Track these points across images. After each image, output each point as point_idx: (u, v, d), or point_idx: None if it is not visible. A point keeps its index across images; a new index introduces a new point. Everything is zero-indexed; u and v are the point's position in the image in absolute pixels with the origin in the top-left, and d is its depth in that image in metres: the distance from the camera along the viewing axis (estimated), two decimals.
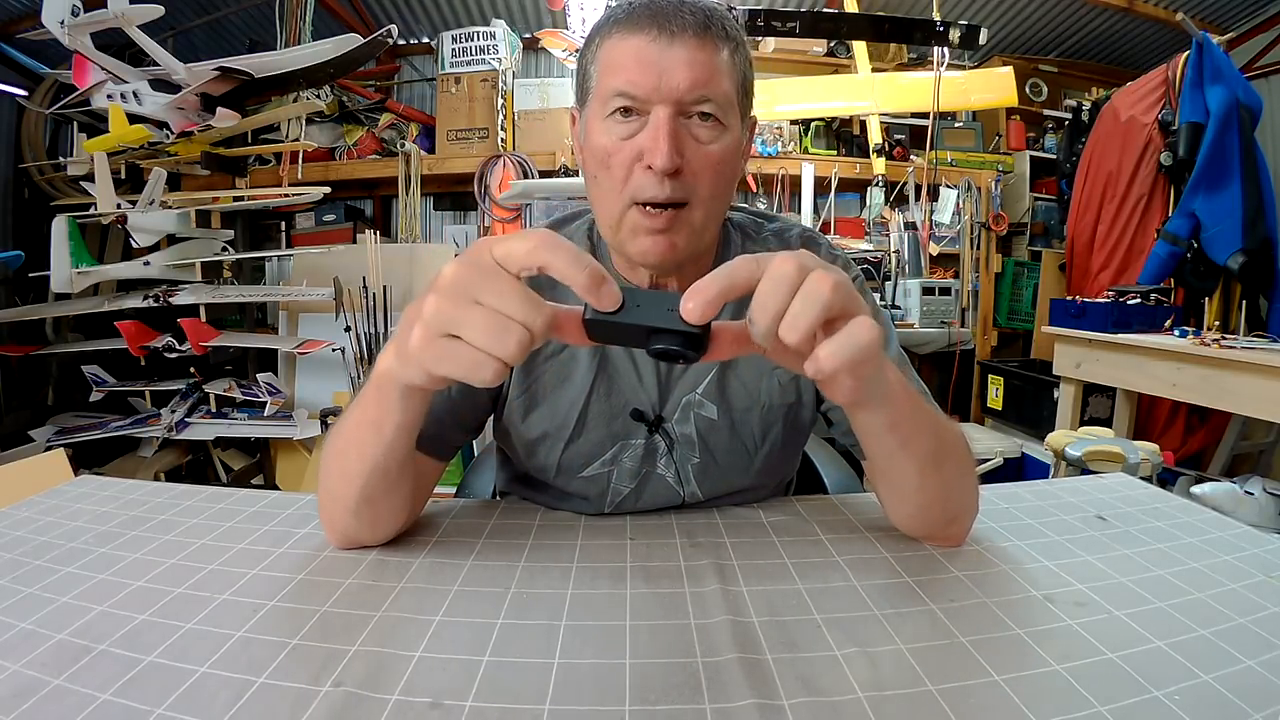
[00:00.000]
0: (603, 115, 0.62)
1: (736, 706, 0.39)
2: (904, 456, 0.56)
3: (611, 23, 0.63)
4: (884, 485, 0.63)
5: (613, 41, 0.62)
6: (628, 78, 0.60)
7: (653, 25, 0.60)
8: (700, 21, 0.60)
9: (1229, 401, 1.99)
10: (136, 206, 2.67)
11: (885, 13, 3.36)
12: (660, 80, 0.59)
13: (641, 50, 0.60)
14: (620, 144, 0.61)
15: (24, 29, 2.79)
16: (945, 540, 0.62)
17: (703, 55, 0.60)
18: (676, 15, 0.60)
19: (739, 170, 0.67)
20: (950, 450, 0.58)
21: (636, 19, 0.61)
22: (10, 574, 0.55)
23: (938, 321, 3.25)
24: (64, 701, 0.39)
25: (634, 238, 0.63)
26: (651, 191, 0.60)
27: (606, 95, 0.62)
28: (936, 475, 0.57)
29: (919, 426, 0.55)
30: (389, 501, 0.59)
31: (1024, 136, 3.77)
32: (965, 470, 0.61)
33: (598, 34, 0.65)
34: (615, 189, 0.62)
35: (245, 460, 3.04)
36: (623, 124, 0.61)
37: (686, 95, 0.60)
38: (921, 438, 0.55)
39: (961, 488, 0.61)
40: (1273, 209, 2.54)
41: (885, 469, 0.59)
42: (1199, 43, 2.55)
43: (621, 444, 0.71)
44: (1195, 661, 0.44)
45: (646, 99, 0.60)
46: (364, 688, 0.41)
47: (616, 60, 0.61)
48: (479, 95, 3.38)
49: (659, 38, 0.59)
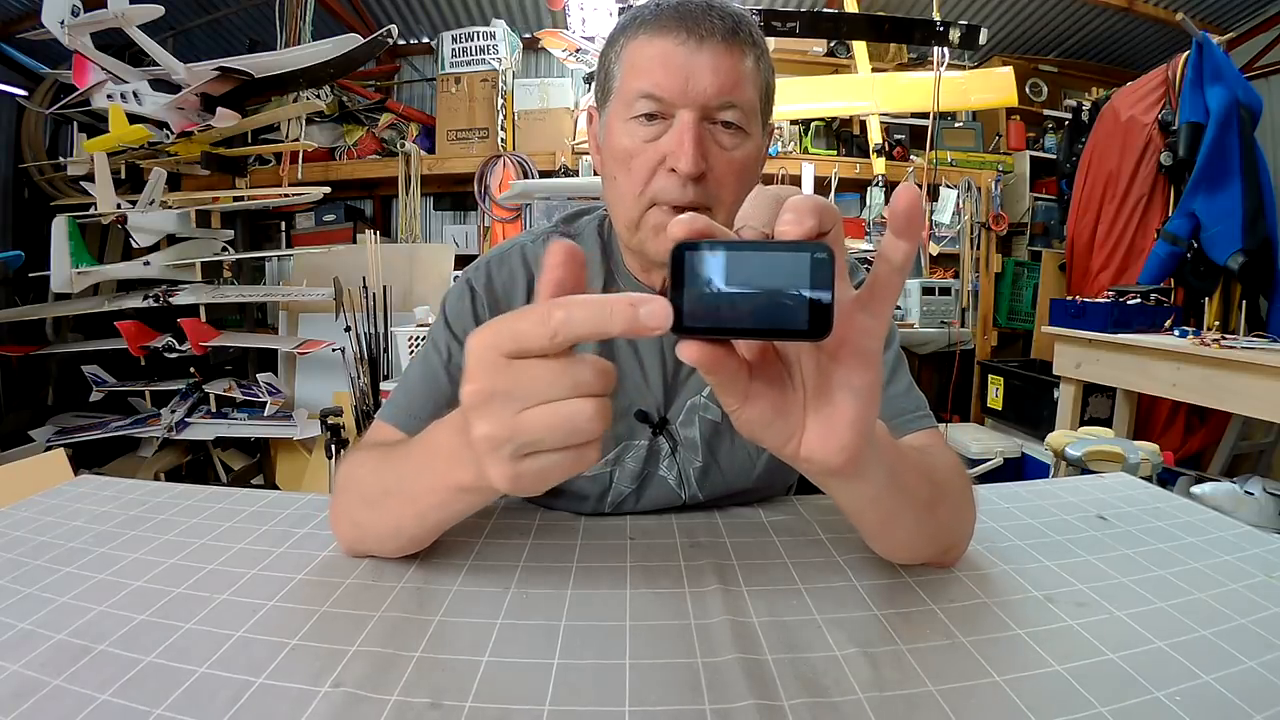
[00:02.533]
0: (626, 116, 0.62)
1: (736, 707, 0.39)
2: (898, 510, 0.49)
3: (638, 23, 0.63)
4: (874, 537, 0.54)
5: (639, 42, 0.62)
6: (654, 80, 0.60)
7: (681, 28, 0.59)
8: (729, 27, 0.60)
9: (1229, 401, 1.99)
10: (136, 206, 2.67)
11: (885, 13, 3.36)
12: (687, 84, 0.59)
13: (669, 53, 0.59)
14: (643, 146, 0.61)
15: (24, 29, 2.79)
16: (939, 565, 0.58)
17: (730, 61, 0.60)
18: (705, 19, 0.59)
19: (759, 176, 0.67)
20: (946, 489, 0.53)
21: (664, 21, 0.60)
22: (10, 574, 0.55)
23: (938, 321, 3.25)
24: (64, 701, 0.39)
25: (656, 236, 0.63)
26: (674, 195, 0.60)
27: (631, 96, 0.61)
28: (931, 518, 0.52)
29: (909, 473, 0.48)
30: (417, 544, 0.58)
31: (1024, 136, 3.78)
32: (961, 505, 0.56)
33: (623, 34, 0.64)
34: (635, 190, 0.62)
35: (245, 460, 3.04)
36: (647, 126, 0.61)
37: (713, 100, 0.59)
38: (914, 484, 0.48)
39: (958, 522, 0.56)
40: (1273, 209, 2.55)
41: (876, 528, 0.52)
42: (1199, 43, 2.55)
43: (625, 445, 0.71)
44: (1196, 662, 0.44)
45: (672, 102, 0.59)
46: (364, 688, 0.41)
47: (642, 62, 0.61)
48: (479, 95, 3.38)
49: (687, 41, 0.59)
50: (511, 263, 0.72)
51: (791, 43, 3.54)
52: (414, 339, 2.50)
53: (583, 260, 0.34)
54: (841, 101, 3.36)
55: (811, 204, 0.31)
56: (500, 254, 0.74)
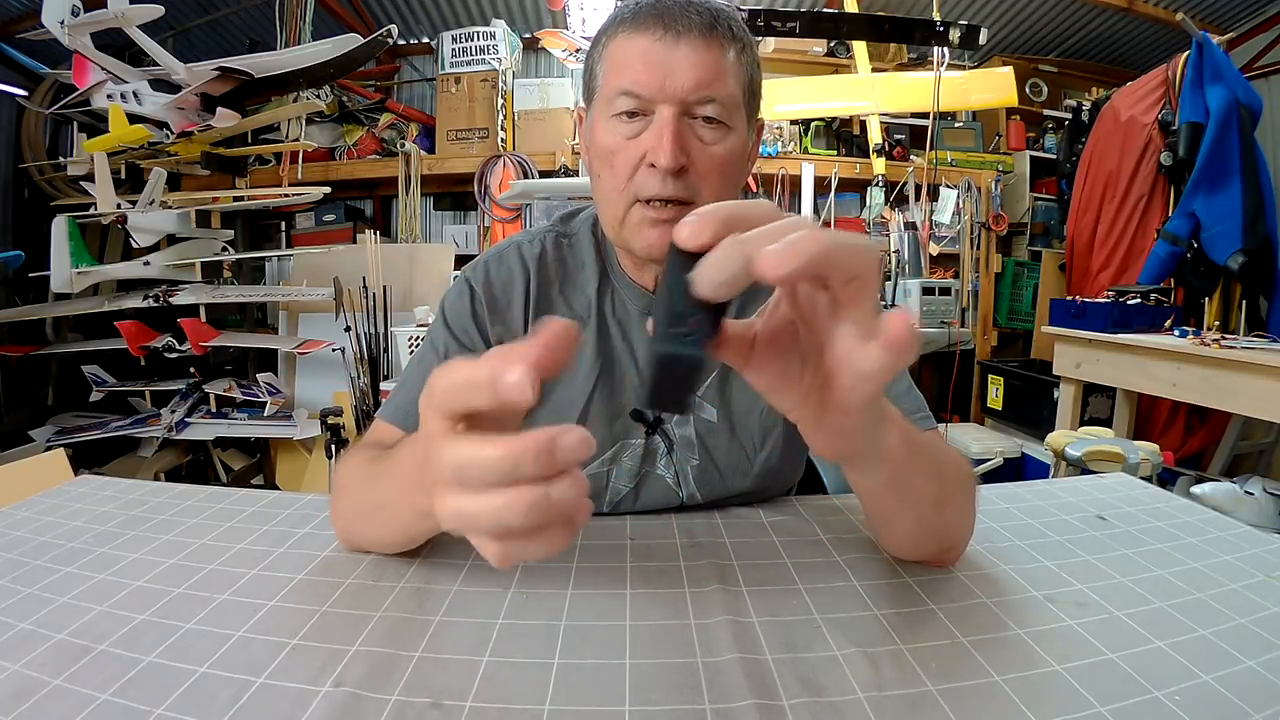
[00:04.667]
0: (608, 114, 0.63)
1: (736, 707, 0.39)
2: (901, 508, 0.50)
3: (618, 22, 0.63)
4: (877, 528, 0.57)
5: (618, 41, 0.62)
6: (633, 77, 0.60)
7: (658, 25, 0.60)
8: (706, 21, 0.60)
9: (1229, 401, 1.99)
10: (136, 206, 2.67)
11: (885, 13, 3.36)
12: (665, 80, 0.59)
13: (647, 50, 0.60)
14: (625, 143, 0.62)
15: (24, 29, 2.79)
16: (939, 564, 0.58)
17: (708, 55, 0.60)
18: (682, 15, 0.60)
19: (745, 172, 0.67)
20: (952, 489, 0.53)
21: (642, 19, 0.61)
22: (10, 574, 0.55)
23: (938, 321, 3.25)
24: (64, 701, 0.39)
25: (639, 232, 0.63)
26: (655, 189, 0.61)
27: (612, 94, 0.62)
28: (937, 517, 0.52)
29: (919, 474, 0.48)
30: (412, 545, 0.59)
31: (1024, 136, 3.78)
32: (965, 502, 0.56)
33: (604, 34, 0.65)
34: (619, 187, 0.63)
35: (245, 460, 3.04)
36: (627, 123, 0.61)
37: (691, 95, 0.60)
38: (921, 485, 0.49)
39: (961, 520, 0.56)
40: (1273, 209, 2.55)
41: (879, 520, 0.54)
42: (1199, 43, 2.55)
43: (622, 444, 0.71)
44: (1196, 662, 0.44)
45: (651, 98, 0.60)
46: (364, 688, 0.41)
47: (622, 60, 0.61)
48: (479, 95, 3.38)
49: (664, 37, 0.59)
50: (509, 261, 0.72)
51: (791, 43, 3.54)
52: (414, 339, 2.50)
53: (572, 342, 0.31)
54: (841, 101, 3.36)
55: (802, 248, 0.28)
56: (499, 253, 0.74)
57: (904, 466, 0.45)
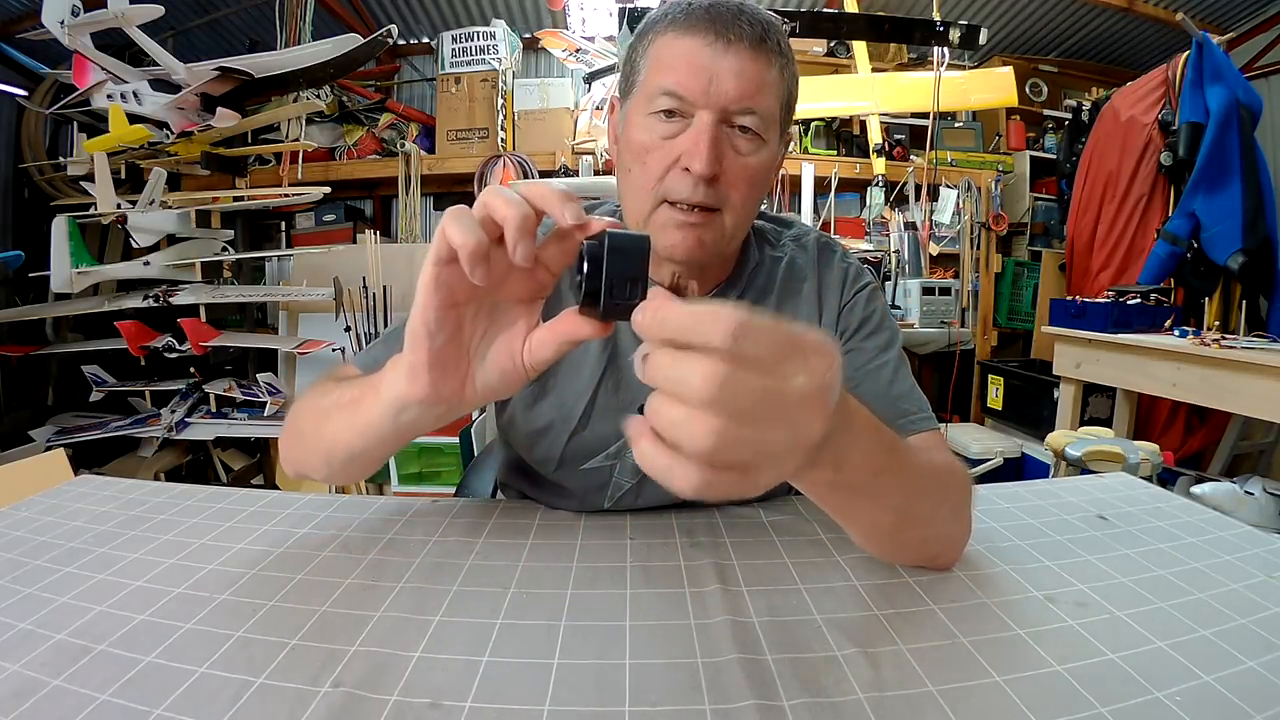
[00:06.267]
0: (646, 111, 0.62)
1: (736, 707, 0.39)
2: (849, 527, 0.50)
3: (668, 20, 0.63)
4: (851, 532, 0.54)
5: (666, 39, 0.62)
6: (677, 79, 0.60)
7: (710, 30, 0.59)
8: (758, 34, 0.60)
9: (1229, 401, 1.99)
10: (136, 206, 2.67)
11: (885, 13, 3.36)
12: (710, 86, 0.59)
13: (695, 53, 0.60)
14: (660, 142, 0.61)
15: (24, 29, 2.79)
16: (933, 569, 0.57)
17: (755, 67, 0.60)
18: (735, 24, 0.59)
19: (771, 184, 0.67)
20: (935, 505, 0.51)
21: (694, 20, 0.60)
22: (10, 574, 0.55)
23: (938, 321, 3.25)
24: (63, 701, 0.39)
25: (664, 231, 0.63)
26: (684, 193, 0.61)
27: (653, 92, 0.62)
28: (897, 538, 0.51)
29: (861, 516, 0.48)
30: (371, 466, 0.60)
31: (1024, 136, 3.77)
32: (951, 515, 0.54)
33: (652, 29, 0.64)
34: (648, 185, 0.63)
35: (245, 460, 3.04)
36: (665, 123, 0.61)
37: (733, 105, 0.60)
38: (870, 514, 0.48)
39: (944, 534, 0.55)
40: (1273, 209, 2.54)
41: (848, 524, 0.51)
42: (1199, 43, 2.55)
43: (626, 439, 0.71)
44: (1196, 662, 0.44)
45: (693, 102, 0.60)
46: (363, 688, 0.41)
47: (668, 59, 0.61)
48: (479, 95, 3.38)
49: (715, 43, 0.59)
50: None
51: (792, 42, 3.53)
52: None
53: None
54: (841, 101, 3.35)
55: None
56: None
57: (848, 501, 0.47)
